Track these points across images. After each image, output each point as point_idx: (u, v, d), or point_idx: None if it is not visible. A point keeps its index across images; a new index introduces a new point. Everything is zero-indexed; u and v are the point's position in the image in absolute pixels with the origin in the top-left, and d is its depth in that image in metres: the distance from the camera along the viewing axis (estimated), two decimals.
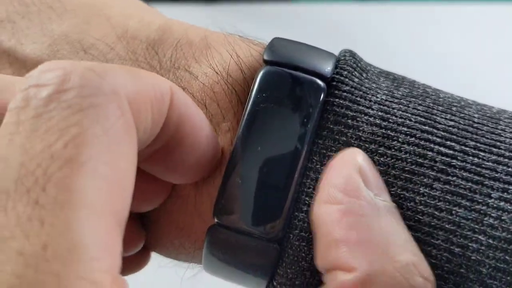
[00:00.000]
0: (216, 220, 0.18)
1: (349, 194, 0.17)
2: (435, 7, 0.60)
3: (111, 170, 0.13)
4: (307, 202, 0.18)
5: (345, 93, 0.19)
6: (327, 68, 0.19)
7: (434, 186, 0.17)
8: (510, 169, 0.17)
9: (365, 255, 0.16)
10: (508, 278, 0.16)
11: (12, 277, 0.11)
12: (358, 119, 0.18)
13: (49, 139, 0.13)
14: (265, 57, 0.19)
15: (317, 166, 0.18)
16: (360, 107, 0.18)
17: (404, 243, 0.16)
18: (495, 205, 0.17)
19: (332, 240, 0.16)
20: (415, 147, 0.18)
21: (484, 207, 0.17)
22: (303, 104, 0.18)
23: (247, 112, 0.18)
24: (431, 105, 0.19)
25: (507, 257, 0.16)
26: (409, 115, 0.18)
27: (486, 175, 0.17)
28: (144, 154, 0.17)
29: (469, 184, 0.17)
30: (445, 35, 0.57)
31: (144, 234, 0.21)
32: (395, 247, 0.16)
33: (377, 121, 0.18)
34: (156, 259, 0.21)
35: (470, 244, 0.17)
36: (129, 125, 0.14)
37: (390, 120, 0.18)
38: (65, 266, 0.12)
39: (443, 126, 0.18)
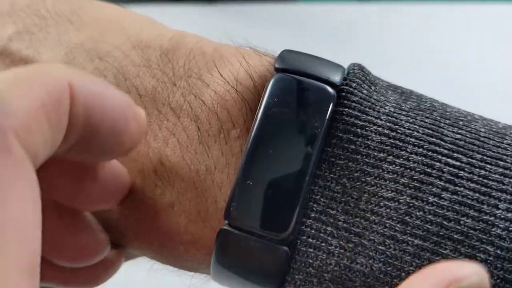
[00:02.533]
0: (227, 222, 0.18)
1: None
2: (435, 7, 0.60)
3: (7, 225, 0.12)
4: (315, 209, 0.18)
5: (354, 103, 0.19)
6: (337, 77, 0.19)
7: (442, 195, 0.18)
8: None
9: None
10: None
11: None
12: (367, 128, 0.19)
13: None
14: (277, 65, 0.19)
15: (326, 173, 0.18)
16: (369, 117, 0.19)
17: None
18: (502, 216, 0.17)
19: None
20: (423, 158, 0.18)
21: (492, 218, 0.17)
22: (313, 110, 0.19)
23: (259, 116, 0.19)
24: (438, 118, 0.19)
25: None
26: (417, 127, 0.19)
27: (493, 186, 0.18)
28: (62, 151, 0.16)
29: (477, 194, 0.18)
30: (445, 35, 0.57)
31: (107, 237, 0.21)
32: None
33: (386, 131, 0.18)
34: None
35: (478, 254, 0.17)
36: (18, 161, 0.13)
37: (398, 131, 0.18)
38: None
39: (450, 138, 0.18)
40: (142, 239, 0.21)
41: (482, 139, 0.19)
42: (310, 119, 0.18)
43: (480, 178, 0.18)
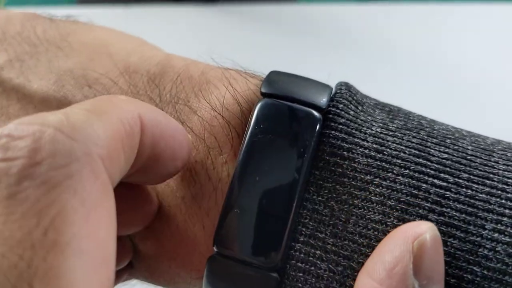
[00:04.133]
0: (216, 250, 0.18)
1: (392, 277, 0.16)
2: (435, 7, 0.60)
3: (93, 242, 0.13)
4: (303, 233, 0.18)
5: (340, 126, 0.19)
6: (323, 99, 0.19)
7: (429, 217, 0.18)
8: (503, 200, 0.18)
9: None
10: None
11: None
12: (353, 151, 0.19)
13: (27, 225, 0.12)
14: (263, 90, 0.20)
15: (314, 196, 0.18)
16: (356, 139, 0.19)
17: None
18: (489, 237, 0.17)
19: None
20: (410, 179, 0.18)
21: (478, 238, 0.17)
22: (299, 135, 0.19)
23: (245, 143, 0.19)
24: (425, 137, 0.19)
25: None
26: (404, 147, 0.19)
27: (480, 206, 0.18)
28: (125, 176, 0.17)
29: (463, 215, 0.18)
30: (445, 35, 0.57)
31: (131, 246, 0.21)
32: None
33: (372, 153, 0.19)
34: None
35: (465, 275, 0.17)
36: (104, 186, 0.14)
37: (384, 152, 0.19)
38: None
39: (437, 158, 0.18)
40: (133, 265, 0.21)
41: (469, 157, 0.19)
42: (297, 144, 0.19)
43: (467, 199, 0.18)
